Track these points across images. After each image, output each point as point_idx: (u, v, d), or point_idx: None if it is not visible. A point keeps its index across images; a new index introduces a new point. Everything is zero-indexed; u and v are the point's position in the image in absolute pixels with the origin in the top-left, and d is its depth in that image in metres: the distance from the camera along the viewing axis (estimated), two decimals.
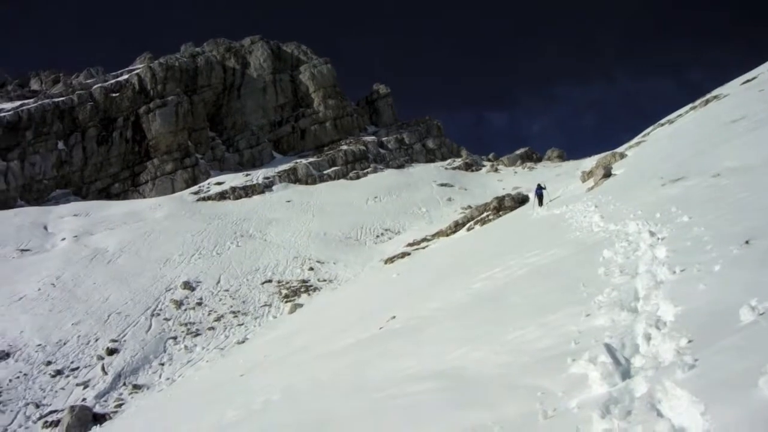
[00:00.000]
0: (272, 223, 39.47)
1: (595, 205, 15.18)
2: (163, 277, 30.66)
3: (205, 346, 22.95)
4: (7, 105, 63.29)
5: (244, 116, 61.77)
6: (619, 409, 3.21)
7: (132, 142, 55.30)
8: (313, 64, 65.81)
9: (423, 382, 5.52)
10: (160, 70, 59.16)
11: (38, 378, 21.53)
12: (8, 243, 38.89)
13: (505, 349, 5.41)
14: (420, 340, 8.12)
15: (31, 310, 27.66)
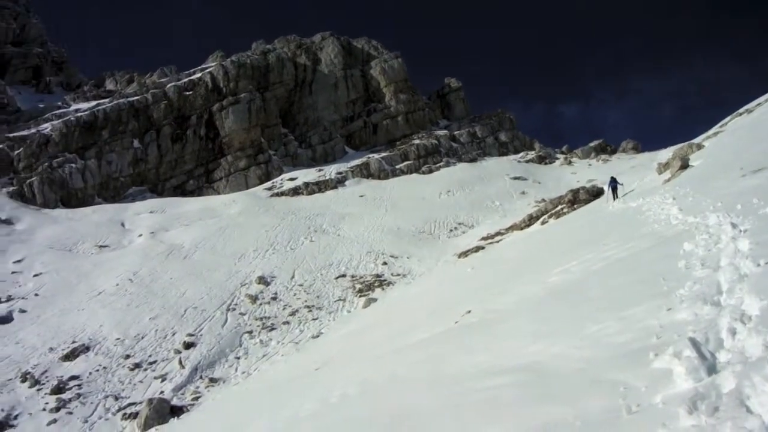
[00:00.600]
0: (345, 218, 39.51)
1: (672, 197, 14.77)
2: (238, 272, 30.95)
3: (280, 340, 23.05)
4: (84, 105, 64.66)
5: (316, 112, 62.04)
6: (706, 405, 3.13)
7: (206, 139, 55.99)
8: (383, 59, 65.71)
9: (500, 376, 5.39)
10: (232, 68, 59.76)
11: (117, 371, 21.95)
12: (87, 239, 39.74)
13: (584, 343, 5.25)
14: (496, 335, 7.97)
15: (110, 304, 28.22)
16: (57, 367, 22.71)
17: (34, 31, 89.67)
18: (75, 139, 54.57)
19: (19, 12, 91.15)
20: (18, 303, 29.93)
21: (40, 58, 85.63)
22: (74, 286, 31.70)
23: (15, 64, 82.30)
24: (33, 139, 54.77)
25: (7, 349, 24.88)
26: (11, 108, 66.92)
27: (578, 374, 4.55)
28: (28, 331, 26.45)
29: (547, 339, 6.01)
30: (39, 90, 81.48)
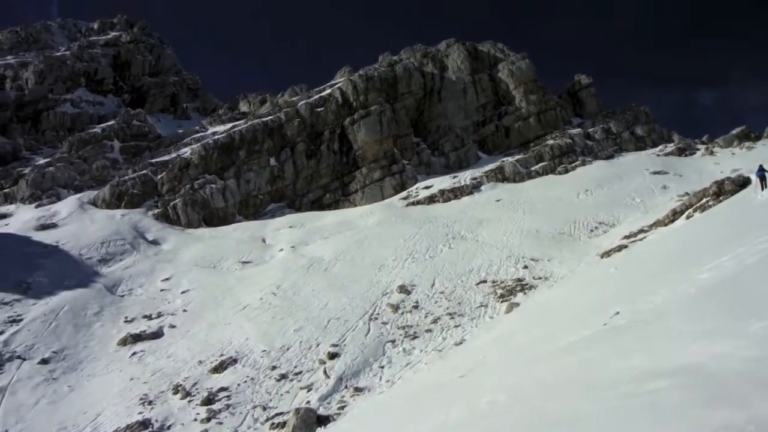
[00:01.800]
0: (483, 224, 39.14)
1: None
2: (379, 282, 31.13)
3: (423, 348, 22.95)
4: (220, 128, 66.78)
5: (446, 119, 61.92)
6: None
7: (339, 153, 56.74)
8: (510, 61, 64.97)
9: (658, 379, 5.10)
10: (361, 82, 60.38)
11: (264, 382, 22.42)
12: (230, 256, 40.88)
13: (748, 342, 4.92)
14: (648, 336, 7.64)
15: (255, 318, 28.91)
16: (206, 379, 23.42)
17: (169, 62, 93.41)
18: (214, 160, 56.32)
19: (154, 44, 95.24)
20: (168, 319, 31.17)
21: (176, 86, 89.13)
22: (220, 301, 32.67)
23: (153, 93, 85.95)
24: (174, 163, 56.90)
25: (159, 362, 25.90)
26: (152, 135, 69.95)
27: (747, 375, 4.26)
28: (178, 346, 27.46)
29: (705, 339, 5.69)
30: (177, 116, 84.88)
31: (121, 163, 64.75)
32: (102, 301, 34.23)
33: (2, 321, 31.16)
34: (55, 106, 77.22)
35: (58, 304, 33.17)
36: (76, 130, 73.38)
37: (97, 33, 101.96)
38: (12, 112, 73.94)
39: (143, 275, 38.78)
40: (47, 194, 57.55)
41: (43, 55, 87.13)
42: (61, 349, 28.19)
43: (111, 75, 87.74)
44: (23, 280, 36.69)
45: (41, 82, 79.87)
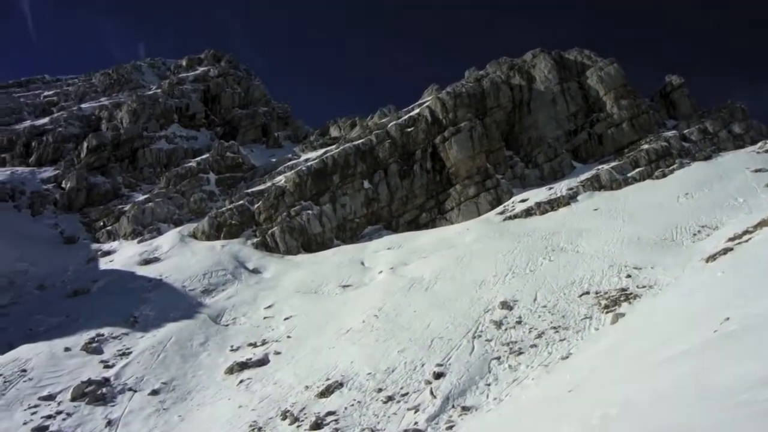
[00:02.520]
0: (582, 234, 38.53)
1: None
2: (480, 298, 30.93)
3: (529, 363, 22.66)
4: (312, 154, 67.74)
5: (537, 130, 61.35)
6: None
7: (432, 172, 56.75)
8: (599, 67, 63.88)
9: None
10: (449, 99, 60.33)
11: (371, 405, 22.43)
12: (330, 281, 41.25)
13: None
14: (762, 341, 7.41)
15: (359, 341, 29.02)
16: (314, 404, 23.56)
17: (258, 93, 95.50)
18: (308, 187, 57.04)
19: (242, 77, 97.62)
20: (272, 346, 31.57)
21: (266, 116, 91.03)
22: (323, 326, 32.95)
23: (245, 125, 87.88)
24: (270, 192, 57.85)
25: (266, 389, 26.22)
26: (246, 166, 71.43)
27: None
28: (284, 372, 27.75)
29: None
30: (269, 146, 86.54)
31: (217, 195, 66.24)
32: (207, 331, 34.97)
33: (113, 354, 32.10)
34: (151, 143, 79.61)
35: (165, 335, 34.03)
36: (171, 165, 75.48)
37: (185, 69, 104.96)
38: (109, 151, 76.50)
39: (246, 304, 39.47)
40: (148, 229, 59.30)
41: (136, 95, 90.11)
42: (170, 379, 28.85)
43: (202, 109, 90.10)
44: (131, 313, 37.81)
45: (135, 121, 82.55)
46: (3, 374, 29.85)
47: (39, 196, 68.69)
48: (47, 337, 35.29)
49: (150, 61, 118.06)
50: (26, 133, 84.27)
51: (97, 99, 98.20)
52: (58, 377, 29.28)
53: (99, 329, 35.44)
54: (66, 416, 25.48)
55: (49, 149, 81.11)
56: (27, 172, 75.14)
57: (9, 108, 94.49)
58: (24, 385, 28.42)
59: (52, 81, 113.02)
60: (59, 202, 68.38)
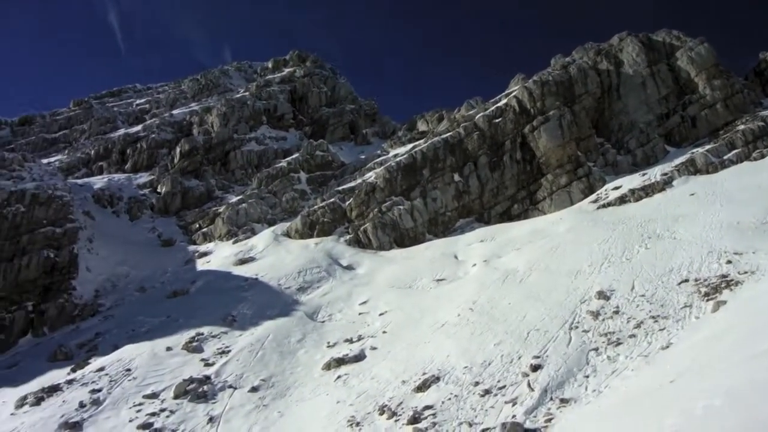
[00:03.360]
0: (678, 220, 37.54)
1: None
2: (576, 289, 30.59)
3: (628, 354, 22.25)
4: (401, 150, 68.10)
5: (628, 116, 60.13)
6: None
7: (522, 162, 56.28)
8: (688, 47, 61.99)
9: None
10: (536, 88, 59.63)
11: (468, 398, 22.39)
12: (424, 275, 41.45)
13: None
14: None
15: (454, 335, 29.07)
16: (411, 398, 23.70)
17: (344, 91, 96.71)
18: (398, 182, 57.33)
19: (327, 76, 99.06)
20: (368, 341, 31.95)
21: (353, 113, 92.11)
22: (418, 320, 33.15)
23: (332, 123, 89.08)
24: (361, 189, 58.39)
25: (363, 384, 26.54)
26: (336, 164, 72.48)
27: None
28: (380, 367, 28.04)
29: None
30: (357, 143, 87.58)
31: (309, 194, 67.28)
32: (304, 328, 35.62)
33: (213, 353, 33.02)
34: (241, 145, 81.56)
35: (262, 333, 34.81)
36: (262, 166, 77.15)
37: (271, 71, 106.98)
38: (202, 155, 78.70)
39: (341, 300, 40.01)
40: (243, 230, 60.63)
41: (225, 99, 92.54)
42: (269, 376, 29.52)
43: (290, 110, 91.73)
44: (229, 312, 38.84)
45: (225, 124, 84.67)
46: (109, 374, 31.07)
47: (136, 201, 70.94)
48: (149, 337, 36.57)
49: (237, 65, 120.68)
50: (121, 140, 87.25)
51: (188, 105, 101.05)
52: (161, 376, 30.31)
53: (198, 328, 36.53)
54: (169, 413, 26.36)
55: (143, 155, 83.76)
56: (123, 178, 77.61)
57: (104, 118, 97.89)
58: (129, 384, 29.50)
59: (144, 89, 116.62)
60: (155, 207, 70.56)
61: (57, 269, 50.17)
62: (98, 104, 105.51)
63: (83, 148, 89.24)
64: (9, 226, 50.70)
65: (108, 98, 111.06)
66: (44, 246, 50.86)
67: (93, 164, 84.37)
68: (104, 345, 37.86)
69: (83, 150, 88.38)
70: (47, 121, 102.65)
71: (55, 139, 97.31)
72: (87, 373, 31.85)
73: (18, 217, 51.57)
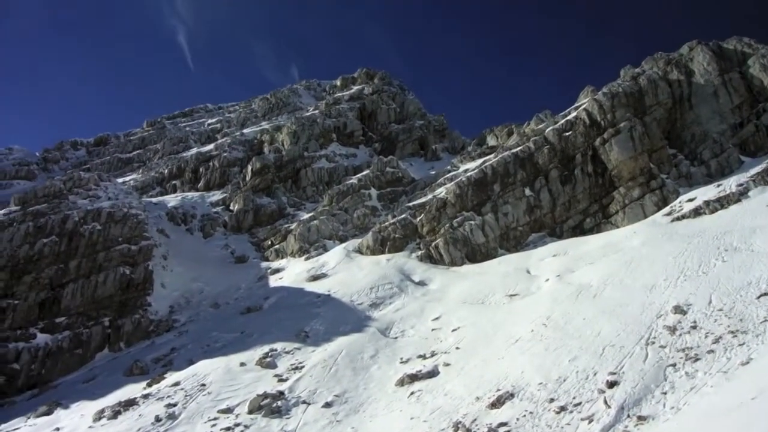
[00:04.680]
0: (756, 231, 36.71)
1: None
2: (652, 303, 30.23)
3: (707, 370, 21.92)
4: (471, 165, 68.12)
5: (701, 126, 59.20)
6: None
7: (594, 175, 55.85)
8: (761, 54, 60.59)
9: None
10: (606, 100, 59.16)
11: (543, 415, 22.32)
12: (497, 291, 41.40)
13: None
14: None
15: (528, 350, 28.98)
16: (485, 415, 23.68)
17: (412, 107, 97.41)
18: (469, 197, 57.46)
19: (396, 92, 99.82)
20: (441, 357, 32.04)
21: (423, 129, 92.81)
22: (491, 336, 33.11)
23: (402, 139, 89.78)
24: (431, 204, 58.66)
25: (437, 401, 26.62)
26: (406, 180, 72.91)
27: None
28: (454, 383, 28.07)
29: None
30: (427, 159, 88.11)
31: (380, 210, 67.73)
32: (377, 344, 35.87)
33: (286, 369, 33.52)
34: (312, 162, 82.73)
35: (335, 349, 35.18)
36: (333, 183, 78.16)
37: (340, 89, 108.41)
38: (273, 173, 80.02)
39: (413, 316, 40.17)
40: (314, 246, 61.40)
41: (294, 117, 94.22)
42: (342, 392, 29.81)
43: (359, 127, 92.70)
44: (302, 328, 39.40)
45: (296, 142, 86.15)
46: (184, 388, 31.78)
47: (209, 218, 72.52)
48: (223, 353, 37.30)
49: (305, 83, 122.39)
50: (194, 159, 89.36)
51: (258, 123, 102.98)
52: (235, 391, 30.88)
53: (272, 344, 37.12)
54: (244, 428, 26.83)
55: (215, 174, 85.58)
56: (197, 196, 79.41)
57: (176, 137, 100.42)
58: (204, 399, 30.13)
59: (215, 109, 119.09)
60: (228, 224, 72.04)
61: (132, 286, 51.60)
62: (170, 124, 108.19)
63: (157, 168, 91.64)
64: (86, 243, 52.34)
65: (180, 118, 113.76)
66: (120, 263, 52.35)
67: (166, 183, 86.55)
68: (179, 360, 38.77)
69: (157, 169, 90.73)
70: (122, 142, 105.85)
71: (130, 158, 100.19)
72: (162, 388, 32.68)
73: (94, 235, 53.18)
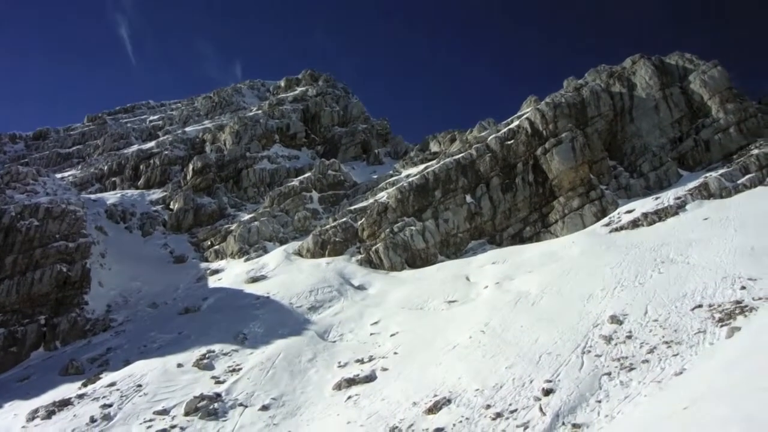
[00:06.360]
0: (692, 245, 37.35)
1: None
2: (589, 313, 30.47)
3: (641, 380, 22.16)
4: (413, 170, 68.44)
5: (641, 139, 60.07)
6: None
7: (535, 184, 56.29)
8: (701, 71, 61.86)
9: None
10: (548, 110, 59.72)
11: (480, 421, 22.32)
12: (436, 296, 41.49)
13: None
14: None
15: (466, 357, 29.00)
16: (422, 420, 23.63)
17: (356, 110, 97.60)
18: (410, 203, 57.57)
19: (340, 95, 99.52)
20: (379, 362, 31.98)
21: (366, 133, 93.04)
22: (429, 342, 33.10)
23: (345, 142, 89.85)
24: (372, 209, 58.62)
25: (374, 405, 26.50)
26: (348, 183, 72.94)
27: None
28: (391, 388, 28.00)
29: None
30: (370, 163, 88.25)
31: (321, 213, 67.63)
32: (315, 347, 35.66)
33: (224, 371, 33.14)
34: (254, 163, 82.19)
35: (273, 352, 34.86)
36: (275, 184, 77.82)
37: (284, 90, 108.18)
38: (214, 173, 79.25)
39: (352, 320, 40.04)
40: (254, 248, 60.95)
41: (237, 117, 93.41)
42: (279, 395, 29.56)
43: (302, 129, 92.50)
44: (240, 330, 39.04)
45: (238, 142, 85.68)
46: (120, 389, 31.21)
47: (148, 217, 71.49)
48: (160, 354, 36.77)
49: (249, 83, 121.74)
50: (134, 156, 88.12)
51: (201, 122, 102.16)
52: (172, 392, 30.45)
53: (210, 346, 36.66)
54: (180, 430, 26.56)
55: (156, 172, 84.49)
56: (136, 194, 78.30)
57: (118, 133, 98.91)
58: (140, 400, 29.65)
59: (157, 106, 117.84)
60: (168, 223, 71.15)
61: (69, 283, 50.51)
62: (112, 120, 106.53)
63: (97, 164, 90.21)
64: (22, 239, 51.08)
65: (122, 114, 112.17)
66: (57, 260, 51.19)
67: (106, 180, 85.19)
68: (115, 360, 38.10)
69: (97, 165, 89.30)
70: (61, 136, 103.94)
71: (69, 153, 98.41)
72: (98, 388, 32.05)
73: (31, 230, 51.94)
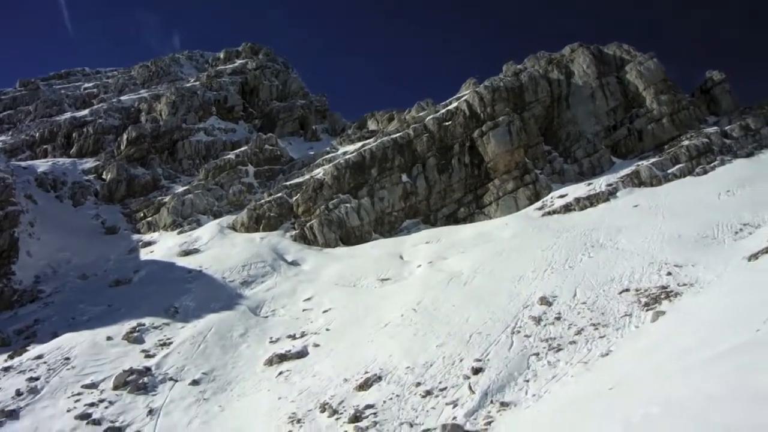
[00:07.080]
0: (622, 230, 38.17)
1: None
2: (519, 294, 30.85)
3: (569, 360, 22.51)
4: (350, 147, 68.10)
5: (576, 126, 60.91)
6: None
7: (470, 166, 56.68)
8: (638, 62, 63.02)
9: None
10: (487, 93, 60.09)
11: (410, 399, 22.44)
12: (369, 274, 41.44)
13: None
14: None
15: (397, 335, 29.05)
16: (352, 397, 23.66)
17: (295, 86, 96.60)
18: (346, 180, 57.41)
19: (279, 69, 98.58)
20: (311, 338, 31.80)
21: (304, 109, 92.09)
22: (362, 319, 33.09)
23: (282, 117, 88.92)
24: (308, 185, 58.28)
25: (305, 381, 26.41)
26: (285, 158, 72.28)
27: None
28: (323, 364, 27.92)
29: None
30: (307, 139, 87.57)
31: (256, 187, 66.93)
32: (247, 322, 35.34)
33: (154, 344, 32.61)
34: (189, 135, 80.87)
35: (205, 326, 34.44)
36: (210, 157, 76.67)
37: (223, 62, 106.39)
38: (149, 143, 77.89)
39: (285, 296, 39.80)
40: (188, 221, 60.02)
41: (174, 87, 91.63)
42: (210, 370, 29.24)
43: (240, 102, 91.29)
44: (171, 304, 38.36)
45: (174, 113, 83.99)
46: (47, 362, 30.50)
47: (80, 186, 69.81)
48: (90, 326, 35.96)
49: (188, 54, 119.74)
50: (67, 124, 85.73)
51: (137, 91, 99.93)
52: (101, 366, 29.82)
53: (140, 319, 36.01)
54: (108, 404, 25.90)
55: (89, 141, 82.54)
56: (68, 162, 76.40)
57: (50, 100, 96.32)
58: (67, 373, 28.98)
59: (92, 73, 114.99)
60: (100, 193, 69.61)
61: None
62: (45, 86, 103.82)
63: (28, 130, 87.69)
64: None
65: (55, 80, 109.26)
66: None
67: (37, 147, 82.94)
68: (43, 332, 37.21)
69: (28, 132, 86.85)
70: None
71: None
72: (25, 361, 31.23)
73: None
